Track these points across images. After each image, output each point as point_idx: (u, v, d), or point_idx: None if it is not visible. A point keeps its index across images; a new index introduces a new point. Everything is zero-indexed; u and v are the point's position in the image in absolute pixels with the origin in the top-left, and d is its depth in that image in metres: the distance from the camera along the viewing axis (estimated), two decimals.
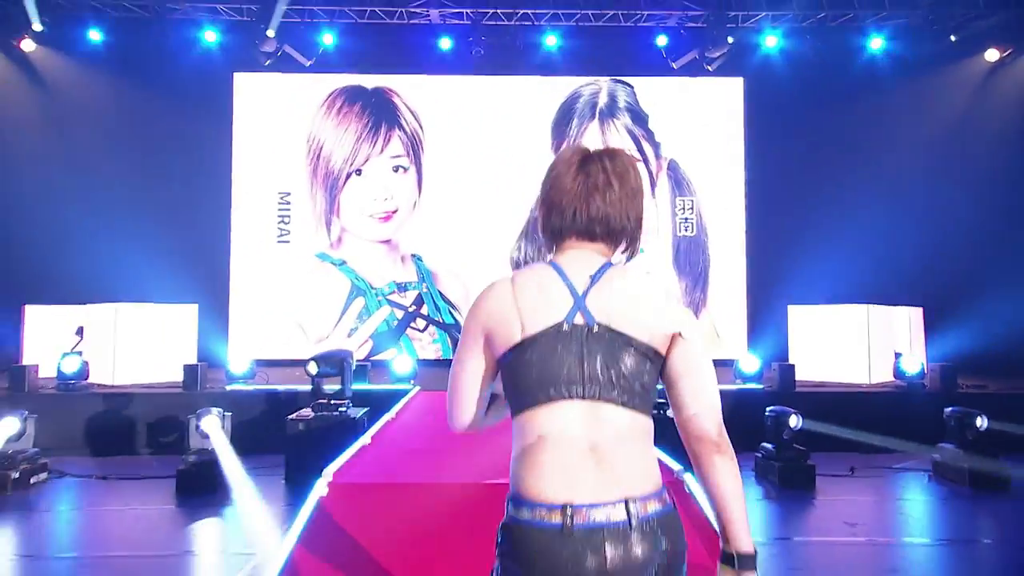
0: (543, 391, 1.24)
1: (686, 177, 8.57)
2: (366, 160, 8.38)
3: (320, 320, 8.26)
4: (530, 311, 1.26)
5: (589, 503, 1.18)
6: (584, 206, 1.32)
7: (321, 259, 8.36)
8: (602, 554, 1.16)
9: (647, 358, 1.27)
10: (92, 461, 5.61)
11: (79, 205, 7.87)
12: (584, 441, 1.22)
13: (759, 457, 5.23)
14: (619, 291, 1.28)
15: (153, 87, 8.10)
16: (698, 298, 8.48)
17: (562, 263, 1.32)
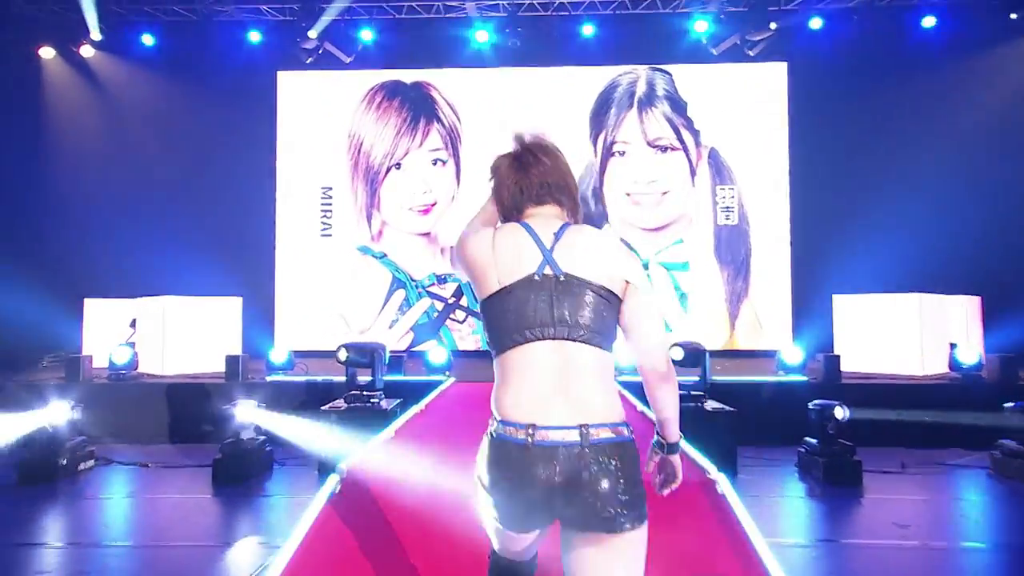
0: (519, 334, 1.45)
1: (727, 165, 8.17)
2: (405, 154, 8.25)
3: (362, 312, 8.18)
4: (505, 264, 1.48)
5: (549, 425, 1.38)
6: (526, 181, 1.57)
7: (362, 252, 8.28)
8: (553, 467, 1.36)
9: (607, 300, 1.47)
10: (138, 448, 5.61)
11: (134, 203, 7.98)
12: (551, 374, 1.42)
13: (802, 452, 4.88)
14: (580, 245, 1.50)
15: (201, 87, 8.13)
16: (740, 288, 8.09)
17: (530, 223, 1.54)
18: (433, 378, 6.09)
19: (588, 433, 1.38)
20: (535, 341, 1.44)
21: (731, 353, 7.87)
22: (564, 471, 1.37)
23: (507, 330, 1.47)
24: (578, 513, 1.38)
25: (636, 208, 8.17)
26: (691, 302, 8.10)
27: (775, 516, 4.00)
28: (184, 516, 4.05)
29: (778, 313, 8.03)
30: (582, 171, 8.26)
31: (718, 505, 2.56)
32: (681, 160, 8.15)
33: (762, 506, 4.12)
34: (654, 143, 8.15)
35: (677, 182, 8.15)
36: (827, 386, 5.76)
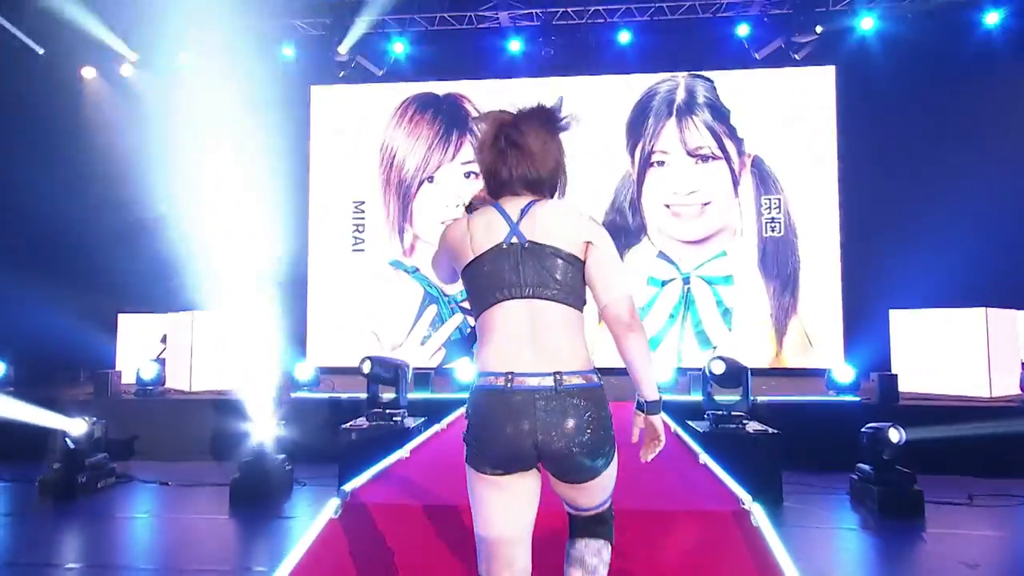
0: (492, 295, 1.63)
1: (772, 174, 7.84)
2: (438, 167, 8.16)
3: (394, 328, 8.07)
4: (478, 238, 1.67)
5: (525, 372, 1.56)
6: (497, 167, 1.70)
7: (395, 267, 8.20)
8: (532, 409, 1.54)
9: (568, 262, 1.63)
10: (163, 466, 5.54)
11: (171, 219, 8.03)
12: (524, 327, 1.60)
13: (854, 479, 4.51)
14: (541, 216, 1.66)
15: (235, 103, 8.16)
16: (787, 303, 7.71)
17: (503, 204, 1.72)
18: (461, 395, 5.90)
19: (562, 379, 1.58)
20: (507, 300, 1.63)
21: (778, 371, 7.50)
22: (540, 413, 1.56)
23: (482, 292, 1.67)
24: (556, 467, 1.59)
25: (676, 220, 7.89)
26: (735, 318, 7.75)
27: (823, 550, 3.66)
28: (196, 539, 3.93)
29: (829, 329, 7.61)
30: (619, 182, 8.03)
31: (752, 539, 2.31)
32: (723, 170, 7.85)
33: (809, 538, 3.78)
34: (695, 152, 7.88)
35: (719, 192, 7.85)
36: (883, 408, 5.38)
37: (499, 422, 1.57)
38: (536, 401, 1.56)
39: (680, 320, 7.84)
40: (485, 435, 1.60)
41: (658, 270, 7.91)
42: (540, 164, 1.71)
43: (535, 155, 1.70)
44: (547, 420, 1.56)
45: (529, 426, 1.55)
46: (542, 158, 1.71)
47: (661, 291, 7.89)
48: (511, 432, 1.56)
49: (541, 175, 1.71)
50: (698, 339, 7.76)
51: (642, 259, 7.95)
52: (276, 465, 4.73)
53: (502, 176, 1.71)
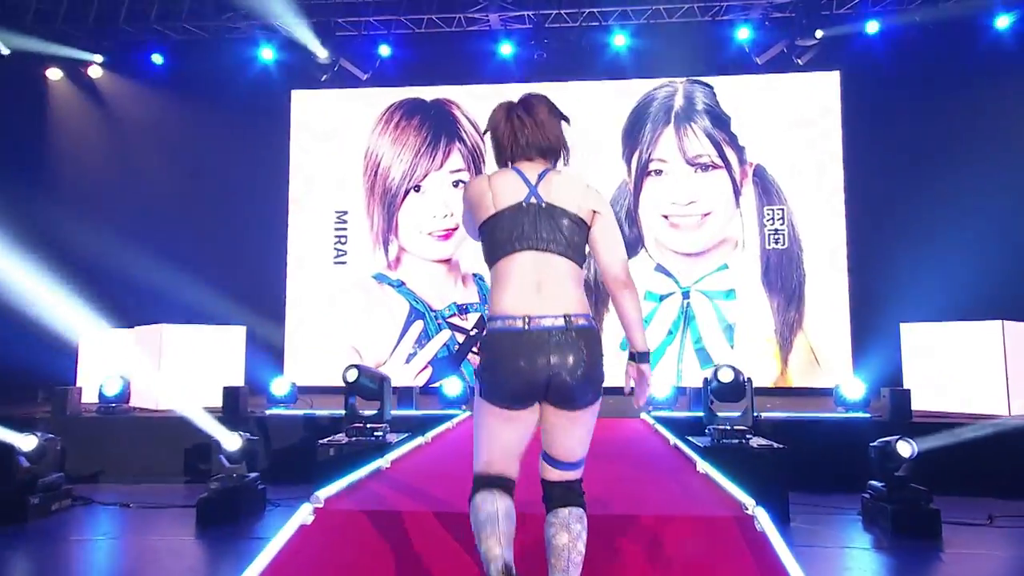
0: (509, 245, 1.95)
1: (775, 184, 7.86)
2: (425, 176, 8.14)
3: (377, 344, 7.98)
4: (499, 195, 1.99)
5: (540, 314, 1.88)
6: (516, 142, 2.06)
7: (378, 280, 8.14)
8: (546, 347, 1.86)
9: (576, 224, 1.99)
10: (125, 488, 5.40)
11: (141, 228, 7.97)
12: (535, 276, 1.92)
13: (866, 498, 4.42)
14: (556, 182, 2.01)
15: (212, 107, 8.18)
16: (792, 318, 7.68)
17: (521, 168, 2.05)
18: (447, 412, 5.83)
19: (571, 320, 1.91)
20: (522, 251, 1.96)
21: (783, 391, 7.45)
22: (555, 348, 1.88)
23: (500, 243, 1.99)
24: (559, 395, 1.92)
25: (675, 231, 7.89)
26: (738, 334, 7.72)
27: (834, 570, 3.57)
28: (157, 562, 3.79)
29: (836, 346, 7.59)
30: (614, 192, 8.03)
31: (757, 545, 2.26)
32: (724, 179, 7.87)
33: (818, 558, 3.69)
34: (694, 161, 7.89)
35: (720, 203, 7.86)
36: (895, 425, 5.30)
37: (516, 358, 1.88)
38: (550, 339, 1.89)
39: (679, 336, 7.80)
40: (502, 371, 1.91)
41: (656, 284, 7.89)
42: (550, 132, 2.09)
43: (545, 124, 2.09)
44: (559, 355, 1.89)
45: (544, 360, 1.88)
46: (550, 127, 2.10)
47: (659, 306, 7.85)
48: (525, 366, 1.88)
49: (551, 142, 2.09)
50: (698, 356, 7.71)
51: (639, 272, 7.92)
52: (248, 484, 4.61)
53: (520, 142, 2.06)
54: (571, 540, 1.94)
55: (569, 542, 1.94)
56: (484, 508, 1.94)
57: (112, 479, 5.61)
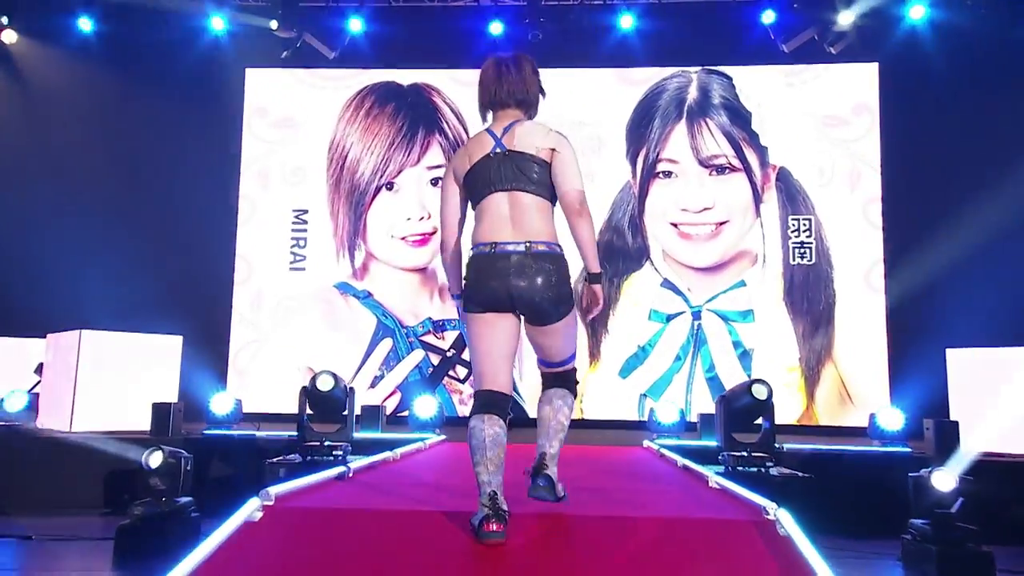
0: (484, 189, 2.72)
1: (802, 190, 7.94)
2: (399, 171, 8.15)
3: (338, 365, 7.80)
4: (472, 153, 2.79)
5: (505, 241, 2.65)
6: (500, 89, 2.81)
7: (342, 291, 8.09)
8: (507, 266, 2.62)
9: (538, 164, 2.70)
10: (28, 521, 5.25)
11: (61, 220, 7.91)
12: (505, 210, 2.70)
13: (907, 540, 4.39)
14: (519, 132, 2.75)
15: (151, 85, 8.17)
16: (820, 345, 7.69)
17: (492, 124, 2.84)
18: (418, 435, 5.78)
19: (531, 246, 2.64)
20: (493, 192, 2.73)
21: (809, 429, 7.42)
22: (515, 268, 2.62)
23: (476, 187, 2.76)
24: (529, 312, 2.68)
25: (685, 243, 7.93)
26: (756, 363, 7.71)
27: None
28: None
29: (871, 377, 7.58)
30: (616, 196, 8.08)
31: (781, 552, 2.29)
32: (742, 183, 7.94)
33: None
34: (708, 162, 7.97)
35: (738, 210, 7.92)
36: (940, 461, 5.28)
37: (485, 276, 2.66)
38: (512, 260, 2.64)
39: (688, 363, 7.78)
40: (476, 285, 2.69)
41: (663, 302, 7.90)
42: (529, 86, 2.86)
43: (526, 80, 2.85)
44: (520, 275, 2.63)
45: (508, 279, 2.63)
46: (530, 83, 2.87)
47: (666, 327, 7.85)
48: (494, 284, 2.64)
49: (528, 95, 2.86)
50: (710, 386, 7.69)
51: (643, 289, 7.94)
52: (178, 510, 4.51)
53: (504, 88, 2.81)
54: (552, 411, 2.79)
55: (550, 412, 2.80)
56: (476, 435, 2.63)
57: (14, 510, 5.46)
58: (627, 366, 7.83)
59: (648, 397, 7.69)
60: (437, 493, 3.19)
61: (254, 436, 5.93)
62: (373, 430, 5.92)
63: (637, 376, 7.79)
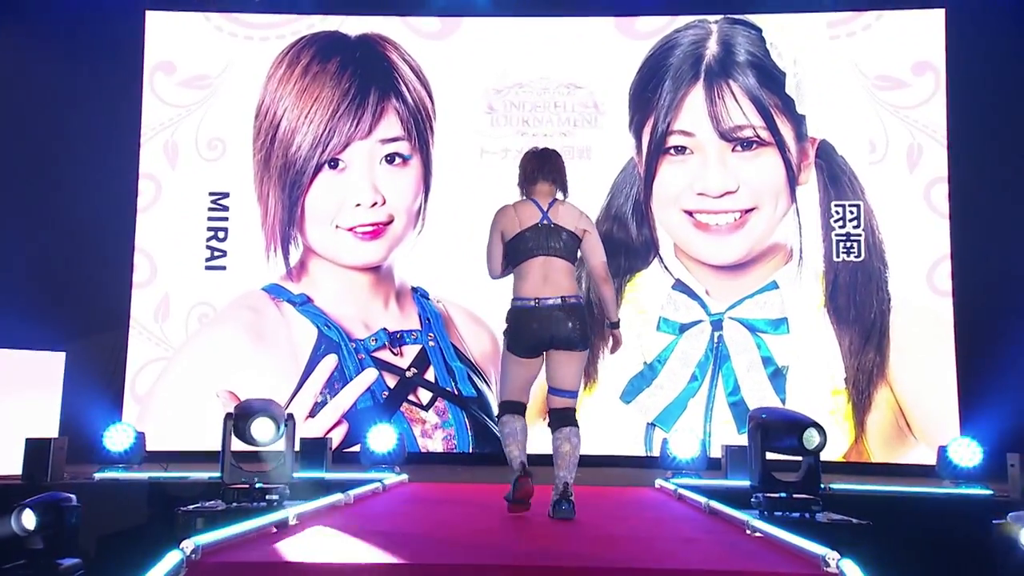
0: (527, 252, 4.40)
1: (848, 169, 8.01)
2: (345, 146, 8.12)
3: (267, 390, 7.74)
4: (523, 218, 4.45)
5: (545, 296, 4.34)
6: (538, 168, 4.61)
7: (273, 295, 8.06)
8: (549, 316, 4.33)
9: (572, 238, 4.44)
10: None
11: None
12: (543, 271, 4.38)
13: None
14: (561, 211, 4.49)
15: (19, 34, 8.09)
16: (871, 362, 7.74)
17: (535, 197, 4.54)
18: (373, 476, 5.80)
19: (565, 300, 4.30)
20: (536, 256, 4.34)
21: (858, 468, 7.47)
22: (554, 318, 4.29)
23: (522, 251, 4.36)
24: (557, 341, 4.32)
25: (702, 235, 7.96)
26: (792, 384, 7.75)
27: None
28: None
29: (937, 401, 7.64)
30: (617, 176, 8.13)
31: None
32: (774, 161, 8.00)
33: None
34: (732, 134, 8.01)
35: (768, 195, 7.98)
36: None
37: (530, 323, 4.30)
38: (553, 312, 4.26)
39: (707, 385, 7.81)
40: (522, 331, 4.35)
41: (675, 309, 7.94)
42: (560, 170, 4.62)
43: (558, 167, 4.63)
44: (557, 321, 4.27)
45: (547, 325, 4.27)
46: (561, 168, 4.64)
47: (678, 340, 7.87)
48: (536, 328, 4.29)
49: (560, 174, 4.60)
50: (733, 413, 7.71)
51: (651, 292, 7.97)
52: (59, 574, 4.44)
53: (544, 169, 4.56)
54: (572, 448, 4.32)
55: (571, 450, 4.32)
56: (509, 425, 4.42)
57: None
58: (631, 388, 7.85)
59: (657, 427, 7.71)
60: (400, 543, 3.18)
61: (161, 481, 5.93)
62: (316, 469, 5.87)
63: (643, 401, 7.83)
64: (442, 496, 5.49)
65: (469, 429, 7.81)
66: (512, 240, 4.43)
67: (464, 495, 5.49)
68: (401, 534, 3.61)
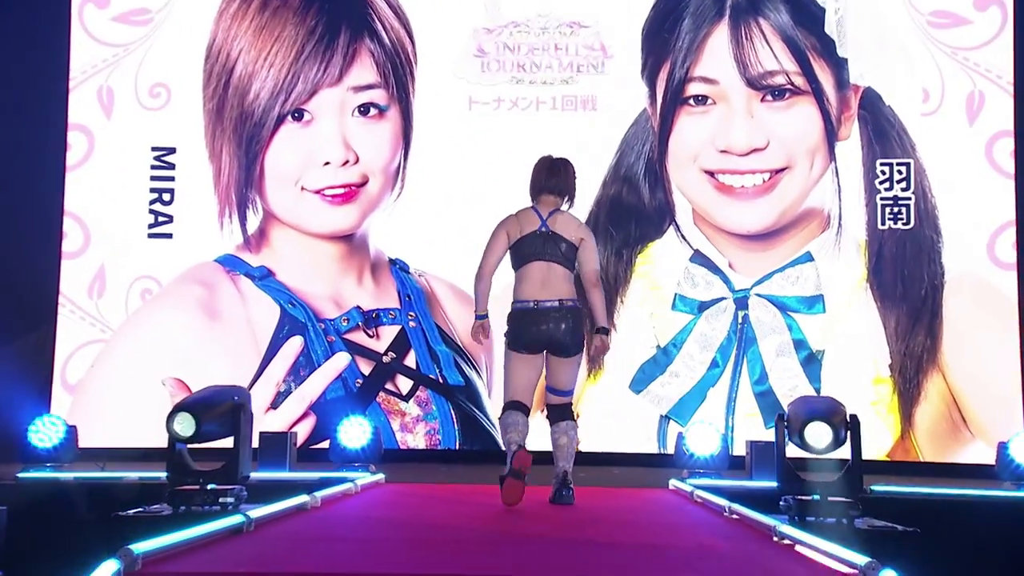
0: (528, 257, 5.28)
1: (897, 122, 8.01)
2: (312, 94, 8.11)
3: (222, 375, 7.75)
4: (524, 224, 5.32)
5: (544, 299, 5.21)
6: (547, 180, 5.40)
7: (228, 267, 8.10)
8: (547, 317, 5.20)
9: (570, 245, 5.28)
10: None
11: None
12: (541, 276, 5.24)
13: None
14: (560, 220, 5.33)
15: None
16: (920, 346, 7.77)
17: (537, 207, 5.36)
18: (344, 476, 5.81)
19: (563, 303, 5.14)
20: (535, 261, 5.17)
21: (906, 467, 7.52)
22: (552, 319, 5.13)
23: (523, 255, 5.20)
24: (555, 345, 5.18)
25: (726, 199, 7.98)
26: (828, 371, 7.77)
27: None
28: None
29: (997, 391, 7.69)
30: (627, 132, 8.14)
31: None
32: (810, 113, 8.00)
33: None
34: (761, 81, 7.99)
35: (802, 152, 7.98)
36: None
37: (530, 324, 5.10)
38: (551, 313, 5.08)
39: (730, 372, 7.84)
40: (521, 331, 5.13)
41: (693, 285, 7.98)
42: (569, 183, 5.36)
43: (567, 179, 5.35)
44: (555, 323, 5.07)
45: (545, 327, 5.08)
46: (570, 181, 5.37)
47: (696, 321, 7.90)
48: (535, 329, 5.10)
49: (567, 188, 5.34)
50: (759, 405, 7.76)
51: (665, 265, 8.03)
52: None
53: (551, 182, 5.28)
54: (569, 441, 5.12)
55: (568, 442, 5.11)
56: (510, 418, 5.07)
57: None
58: (642, 376, 7.90)
59: (672, 420, 7.75)
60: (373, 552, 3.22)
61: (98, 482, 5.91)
62: (278, 468, 5.90)
63: (656, 390, 7.89)
64: (424, 499, 5.51)
65: (455, 422, 7.87)
66: (514, 244, 5.24)
67: (449, 497, 5.51)
68: (375, 541, 3.63)
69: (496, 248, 5.35)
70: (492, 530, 4.06)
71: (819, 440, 4.64)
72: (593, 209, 7.96)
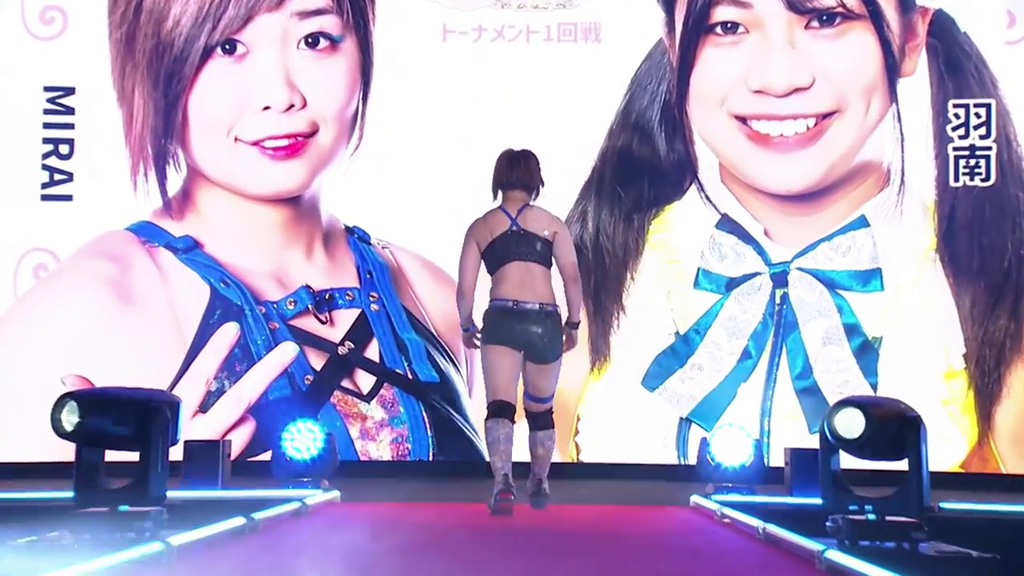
0: (503, 259, 6.06)
1: (974, 53, 8.04)
2: (247, 20, 8.07)
3: (136, 374, 7.80)
4: (494, 227, 6.09)
5: (523, 300, 5.96)
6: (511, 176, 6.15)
7: (144, 238, 8.09)
8: (525, 318, 5.97)
9: (544, 242, 6.06)
10: None
11: None
12: (521, 276, 6.02)
13: None
14: (530, 215, 6.11)
15: None
16: (1002, 330, 7.84)
17: (505, 206, 6.12)
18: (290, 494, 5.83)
19: (543, 306, 5.89)
20: (511, 261, 5.92)
21: (982, 480, 7.59)
22: (529, 320, 5.88)
23: (497, 257, 5.95)
24: (531, 351, 5.93)
25: (761, 152, 8.04)
26: (886, 360, 7.83)
27: None
28: None
29: None
30: (640, 69, 8.18)
31: None
32: (866, 43, 8.02)
33: None
34: (806, 4, 7.98)
35: (855, 92, 8.03)
36: None
37: (509, 322, 5.83)
38: (527, 315, 5.80)
39: (766, 365, 7.89)
40: (501, 325, 5.84)
41: (719, 257, 8.07)
42: (533, 175, 6.04)
43: (531, 170, 6.03)
44: (533, 325, 5.83)
45: (523, 327, 5.82)
46: (534, 172, 6.05)
47: (725, 302, 7.93)
48: (517, 328, 5.82)
49: (532, 181, 6.03)
50: (802, 405, 7.84)
51: (686, 232, 8.12)
52: None
53: (513, 175, 5.98)
54: (546, 451, 5.93)
55: (544, 452, 5.92)
56: (492, 433, 5.75)
57: None
58: (658, 370, 7.98)
59: (694, 423, 7.80)
60: None
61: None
62: (208, 485, 5.89)
63: (675, 387, 7.97)
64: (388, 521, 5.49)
65: (428, 427, 7.93)
66: (486, 249, 5.93)
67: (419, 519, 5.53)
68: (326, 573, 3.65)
69: (469, 262, 6.03)
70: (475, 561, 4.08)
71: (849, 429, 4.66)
72: (597, 164, 8.05)
